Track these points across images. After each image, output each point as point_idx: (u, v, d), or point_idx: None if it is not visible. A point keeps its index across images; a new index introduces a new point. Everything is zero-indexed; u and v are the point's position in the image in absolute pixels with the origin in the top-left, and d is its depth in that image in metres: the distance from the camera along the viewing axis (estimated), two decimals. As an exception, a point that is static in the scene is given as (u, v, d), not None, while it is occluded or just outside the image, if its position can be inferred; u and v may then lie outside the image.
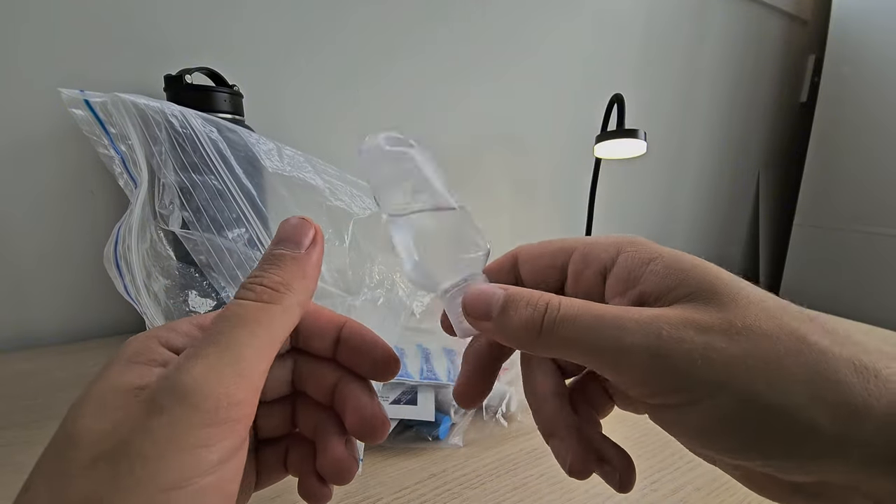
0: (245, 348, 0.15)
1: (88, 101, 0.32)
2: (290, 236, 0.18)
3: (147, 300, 0.32)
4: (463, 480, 0.35)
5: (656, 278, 0.17)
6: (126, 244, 0.32)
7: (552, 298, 0.17)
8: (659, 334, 0.15)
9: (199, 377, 0.14)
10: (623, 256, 0.18)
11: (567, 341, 0.16)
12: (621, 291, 0.18)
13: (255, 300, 0.16)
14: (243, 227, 0.34)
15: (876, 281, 1.27)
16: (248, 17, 0.64)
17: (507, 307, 0.17)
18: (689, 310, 0.15)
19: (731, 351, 0.14)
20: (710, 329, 0.15)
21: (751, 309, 0.15)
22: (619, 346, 0.15)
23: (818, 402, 0.13)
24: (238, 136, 0.36)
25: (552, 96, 0.97)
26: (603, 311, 0.16)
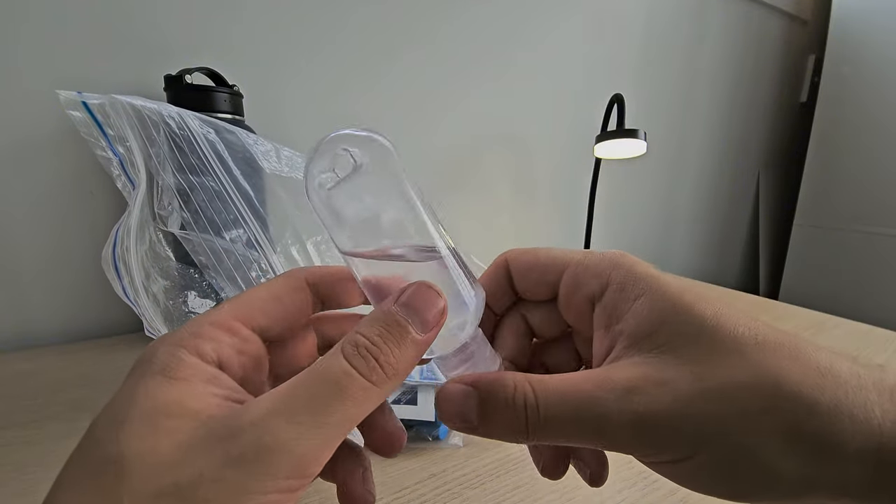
0: (339, 426, 0.14)
1: (86, 102, 0.32)
2: (421, 309, 0.16)
3: (146, 301, 0.32)
4: (463, 480, 0.35)
5: (638, 320, 0.17)
6: (124, 246, 0.32)
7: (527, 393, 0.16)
8: (636, 411, 0.15)
9: (286, 443, 0.13)
10: (611, 289, 0.18)
11: (554, 436, 0.16)
12: (606, 325, 0.18)
13: (365, 377, 0.14)
14: (241, 228, 0.34)
15: (876, 281, 1.27)
16: (248, 17, 0.64)
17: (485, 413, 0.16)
18: (661, 366, 0.15)
19: (707, 411, 0.15)
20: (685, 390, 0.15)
21: (727, 357, 0.15)
22: (603, 430, 0.15)
23: (788, 453, 0.14)
24: (236, 137, 0.36)
25: (552, 96, 0.97)
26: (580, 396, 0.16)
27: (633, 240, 1.23)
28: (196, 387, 0.14)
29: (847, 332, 0.66)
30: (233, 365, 0.17)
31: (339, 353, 0.15)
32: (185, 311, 0.39)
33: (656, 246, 1.30)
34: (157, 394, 0.14)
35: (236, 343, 0.17)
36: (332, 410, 0.14)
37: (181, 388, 0.14)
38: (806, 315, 0.73)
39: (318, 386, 0.14)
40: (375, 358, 0.15)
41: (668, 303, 0.16)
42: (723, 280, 1.50)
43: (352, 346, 0.15)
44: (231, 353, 0.17)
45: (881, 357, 0.58)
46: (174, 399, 0.14)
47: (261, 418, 0.13)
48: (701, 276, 1.42)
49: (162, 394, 0.14)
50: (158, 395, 0.14)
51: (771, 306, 0.78)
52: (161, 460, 0.13)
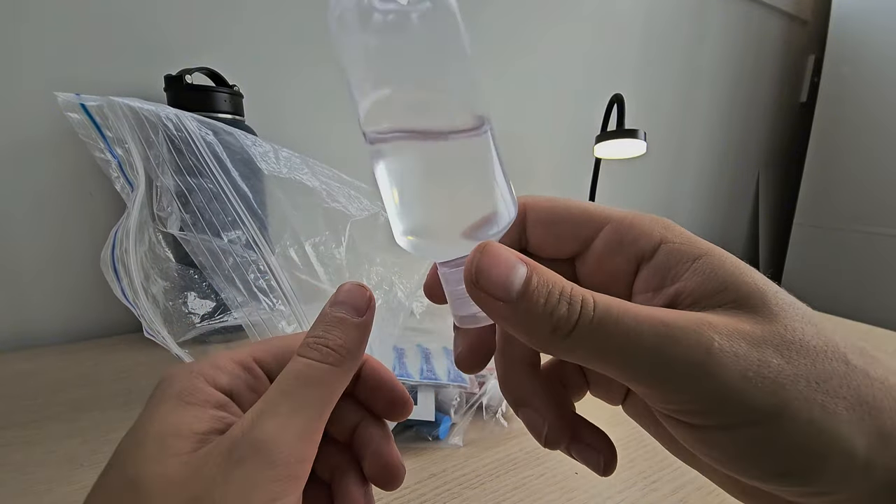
0: (312, 409, 0.16)
1: (84, 105, 0.32)
2: (349, 301, 0.18)
3: (145, 303, 0.32)
4: (463, 480, 0.35)
5: (699, 278, 0.15)
6: (123, 247, 0.32)
7: (585, 293, 0.14)
8: (710, 347, 0.13)
9: (274, 435, 0.15)
10: (666, 247, 0.16)
11: (600, 350, 0.14)
12: (655, 287, 0.16)
13: (321, 361, 0.17)
14: (239, 229, 0.34)
15: (876, 281, 1.27)
16: (248, 17, 0.64)
17: (530, 291, 0.14)
18: (737, 318, 0.14)
19: (786, 370, 0.13)
20: (763, 342, 0.13)
21: (799, 322, 0.14)
22: (667, 356, 0.13)
23: (860, 428, 0.13)
24: (234, 139, 0.36)
25: (552, 96, 0.97)
26: (647, 314, 0.14)
27: (633, 240, 1.23)
28: (205, 411, 0.16)
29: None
30: (242, 400, 0.18)
31: (297, 355, 0.17)
32: (186, 312, 0.39)
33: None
34: (171, 417, 0.15)
35: (249, 380, 0.18)
36: (302, 397, 0.16)
37: (192, 411, 0.16)
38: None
39: (286, 382, 0.16)
40: (324, 345, 0.17)
41: (733, 265, 0.15)
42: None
43: (304, 346, 0.17)
44: (243, 387, 0.18)
45: (881, 357, 0.58)
46: (184, 421, 0.15)
47: (249, 423, 0.15)
48: (701, 276, 1.42)
49: (175, 417, 0.15)
50: (171, 418, 0.15)
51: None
52: (172, 480, 0.14)
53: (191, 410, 0.16)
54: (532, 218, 0.19)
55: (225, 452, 0.14)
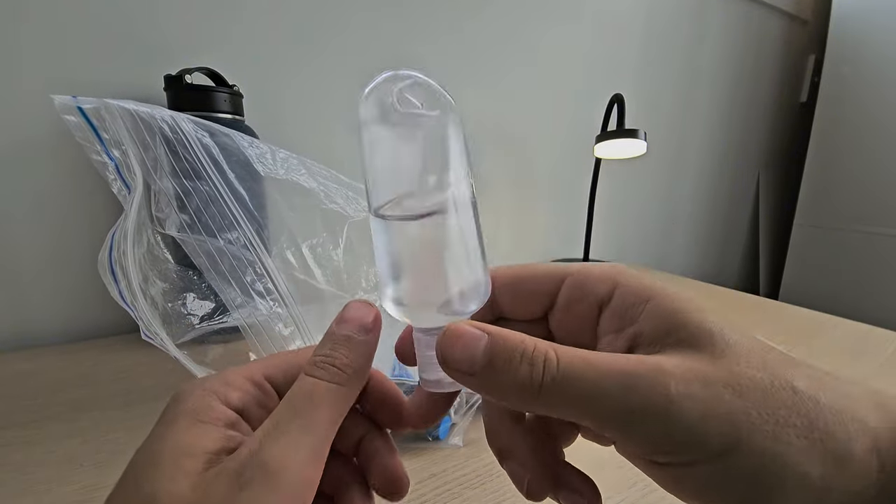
0: (320, 429, 0.16)
1: (81, 107, 0.32)
2: (355, 319, 0.18)
3: (143, 304, 0.32)
4: (463, 480, 0.35)
5: (654, 320, 0.16)
6: (121, 249, 0.32)
7: (548, 349, 0.15)
8: (668, 393, 0.14)
9: (281, 457, 0.15)
10: (620, 291, 0.18)
11: (566, 403, 0.15)
12: (617, 328, 0.17)
13: (328, 380, 0.17)
14: (236, 231, 0.34)
15: (876, 281, 1.27)
16: (248, 17, 0.64)
17: (493, 362, 0.15)
18: (690, 359, 0.15)
19: (737, 406, 0.14)
20: (715, 381, 0.14)
21: (745, 357, 0.15)
22: (627, 407, 0.14)
23: (813, 454, 0.14)
24: (231, 140, 0.36)
25: (552, 96, 0.97)
26: (607, 366, 0.15)
27: (633, 240, 1.23)
28: (216, 430, 0.16)
29: (847, 332, 0.66)
30: (252, 416, 0.18)
31: (303, 374, 0.17)
32: (185, 314, 0.39)
33: (656, 246, 1.30)
34: (184, 435, 0.15)
35: (259, 397, 0.18)
36: (310, 417, 0.16)
37: (203, 429, 0.16)
38: (806, 315, 0.73)
39: (294, 401, 0.16)
40: (331, 364, 0.17)
41: (681, 305, 0.16)
42: (723, 280, 1.50)
43: (310, 365, 0.17)
44: (253, 404, 0.18)
45: (881, 357, 0.58)
46: (197, 440, 0.15)
47: (258, 444, 0.15)
48: (701, 276, 1.42)
49: (188, 435, 0.15)
50: (185, 436, 0.15)
51: (771, 306, 0.78)
52: (183, 499, 0.14)
53: (203, 429, 0.16)
54: (499, 287, 0.20)
55: (233, 474, 0.14)
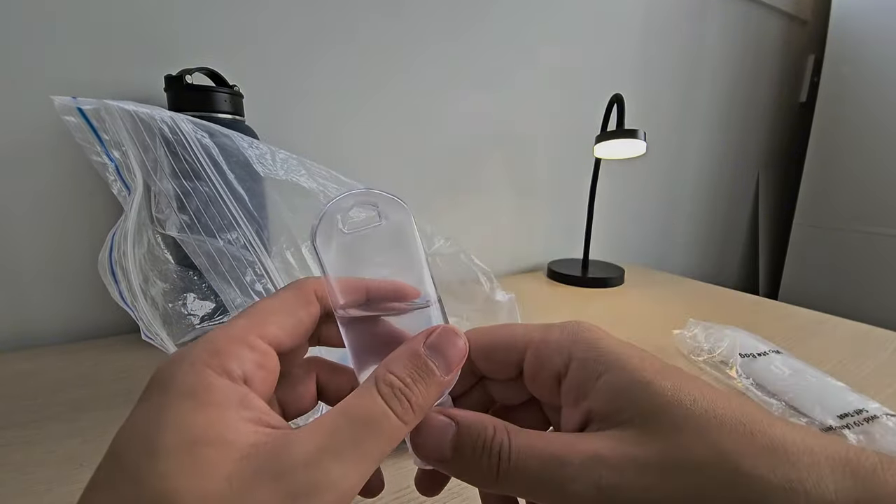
0: (374, 462, 0.15)
1: (81, 109, 0.32)
2: (446, 353, 0.18)
3: (144, 305, 0.32)
4: (463, 480, 0.35)
5: (603, 398, 0.17)
6: (121, 250, 0.32)
7: (503, 441, 0.17)
8: (598, 482, 0.15)
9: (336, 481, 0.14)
10: (574, 365, 0.18)
11: (519, 489, 0.17)
12: (574, 400, 0.18)
13: (399, 417, 0.16)
14: (235, 232, 0.34)
15: (876, 281, 1.27)
16: (249, 18, 0.64)
17: (459, 451, 0.17)
18: (628, 441, 0.16)
19: (666, 491, 0.15)
20: (648, 467, 0.15)
21: (689, 436, 0.15)
22: (566, 491, 0.16)
23: None
24: (231, 141, 0.35)
25: (552, 96, 0.97)
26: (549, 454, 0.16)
27: (633, 240, 1.23)
28: (229, 412, 0.15)
29: (847, 332, 0.66)
30: (256, 381, 0.17)
31: (376, 392, 0.16)
32: (185, 314, 0.39)
33: (656, 246, 1.30)
34: (191, 421, 0.14)
35: (257, 358, 0.17)
36: (371, 448, 0.15)
37: (214, 413, 0.14)
38: (806, 315, 0.73)
39: (360, 426, 0.15)
40: (408, 399, 0.16)
41: (629, 380, 0.17)
42: (722, 280, 1.50)
43: (387, 385, 0.16)
44: (253, 369, 0.17)
45: (881, 357, 0.58)
46: (210, 427, 0.14)
47: (313, 457, 0.14)
48: (701, 276, 1.42)
49: (196, 421, 0.14)
50: (193, 422, 0.14)
51: (771, 306, 0.78)
52: (214, 495, 0.13)
53: (212, 413, 0.14)
54: (474, 351, 0.21)
55: (280, 482, 0.13)
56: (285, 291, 0.20)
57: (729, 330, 0.57)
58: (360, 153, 0.76)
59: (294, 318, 0.19)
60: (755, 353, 0.52)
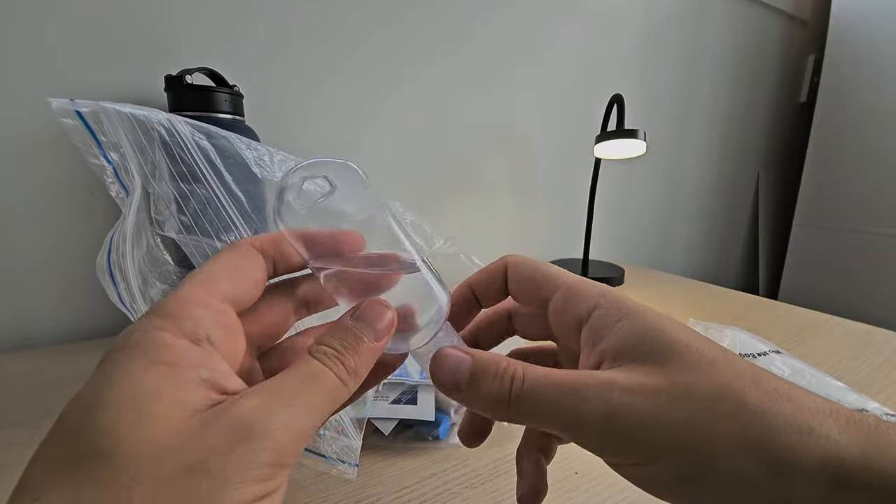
0: (318, 415, 0.16)
1: (79, 111, 0.32)
2: (372, 321, 0.19)
3: (142, 307, 0.32)
4: (463, 480, 0.35)
5: (617, 339, 0.18)
6: (120, 252, 0.32)
7: (517, 369, 0.18)
8: (610, 401, 0.16)
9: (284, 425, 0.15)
10: (597, 312, 0.19)
11: (533, 413, 0.17)
12: (591, 344, 0.19)
13: (336, 374, 0.17)
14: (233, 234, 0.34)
15: (876, 281, 1.27)
16: (249, 17, 0.64)
17: (474, 378, 0.18)
18: (640, 373, 0.17)
19: (675, 415, 0.16)
20: (658, 393, 0.16)
21: (696, 370, 0.16)
22: (578, 413, 0.17)
23: (749, 461, 0.15)
24: (228, 143, 0.35)
25: (552, 96, 0.97)
26: (563, 380, 0.17)
27: (633, 240, 1.23)
28: (184, 371, 0.15)
29: (847, 332, 0.66)
30: (214, 339, 0.17)
31: (313, 358, 0.17)
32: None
33: (656, 246, 1.30)
34: (143, 380, 0.14)
35: (212, 316, 0.17)
36: (315, 399, 0.16)
37: (168, 373, 0.14)
38: (806, 315, 0.73)
39: (304, 380, 0.16)
40: (342, 362, 0.17)
41: (646, 324, 0.18)
42: (723, 280, 1.50)
43: (321, 353, 0.17)
44: (210, 325, 0.17)
45: (881, 357, 0.58)
46: (162, 385, 0.14)
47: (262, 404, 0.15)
48: (701, 276, 1.42)
49: (148, 380, 0.14)
50: (144, 381, 0.14)
51: (771, 306, 0.78)
52: (161, 446, 0.13)
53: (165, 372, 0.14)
54: (510, 275, 0.23)
55: (231, 427, 0.14)
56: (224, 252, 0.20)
57: (729, 330, 0.57)
58: (360, 153, 0.76)
59: (239, 273, 0.19)
60: (755, 353, 0.52)
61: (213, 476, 0.13)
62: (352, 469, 0.33)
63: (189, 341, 0.15)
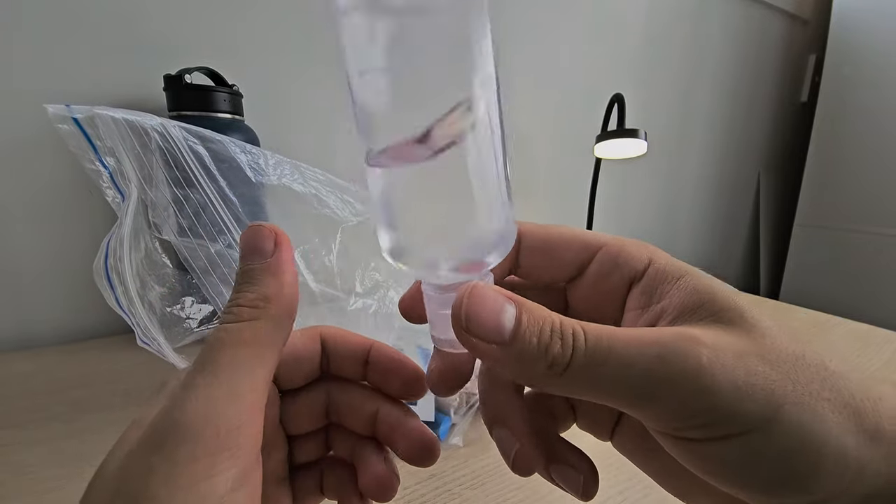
0: (234, 370, 0.14)
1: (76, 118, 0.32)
2: (252, 247, 0.16)
3: (140, 310, 0.32)
4: (463, 480, 0.35)
5: (682, 295, 0.16)
6: (117, 256, 0.32)
7: (575, 326, 0.14)
8: (699, 361, 0.13)
9: (192, 408, 0.13)
10: (653, 268, 0.17)
11: (596, 382, 0.14)
12: (644, 304, 0.17)
13: (236, 321, 0.15)
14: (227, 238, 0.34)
15: (876, 281, 1.27)
16: (249, 17, 0.64)
17: (521, 332, 0.14)
18: (719, 332, 0.14)
19: (772, 377, 0.13)
20: (746, 353, 0.14)
21: (776, 331, 0.14)
22: (659, 378, 0.13)
23: (847, 429, 0.13)
24: (222, 147, 0.35)
25: (552, 96, 0.97)
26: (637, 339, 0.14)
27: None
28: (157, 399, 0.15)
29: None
30: None
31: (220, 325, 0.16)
32: (183, 318, 0.39)
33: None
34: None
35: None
36: (223, 361, 0.14)
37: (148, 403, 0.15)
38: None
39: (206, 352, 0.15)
40: (237, 305, 0.15)
41: (710, 283, 0.16)
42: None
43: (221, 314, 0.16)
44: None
45: (881, 357, 0.58)
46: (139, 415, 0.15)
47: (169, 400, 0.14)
48: (701, 276, 1.41)
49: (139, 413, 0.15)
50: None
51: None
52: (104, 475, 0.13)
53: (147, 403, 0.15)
54: (527, 245, 0.19)
55: (146, 440, 0.13)
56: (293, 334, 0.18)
57: (729, 330, 0.56)
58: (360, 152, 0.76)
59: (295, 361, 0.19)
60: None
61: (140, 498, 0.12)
62: None
63: None
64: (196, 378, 0.14)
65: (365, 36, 0.14)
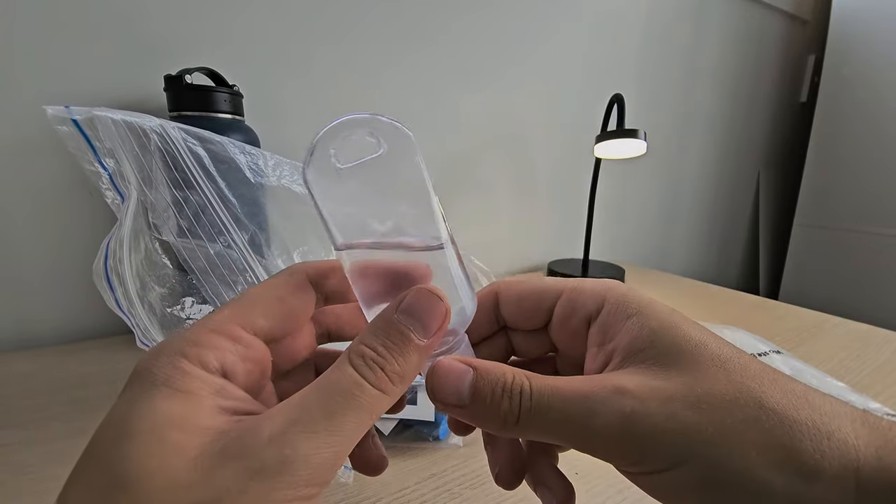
0: (351, 435, 0.14)
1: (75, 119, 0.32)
2: (421, 316, 0.16)
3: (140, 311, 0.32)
4: (463, 480, 0.35)
5: (628, 337, 0.17)
6: (117, 257, 0.32)
7: (523, 381, 0.16)
8: (623, 411, 0.15)
9: (307, 455, 0.13)
10: (606, 308, 0.19)
11: (541, 429, 0.16)
12: (600, 342, 0.19)
13: (374, 385, 0.15)
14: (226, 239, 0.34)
15: (876, 281, 1.27)
16: (249, 17, 0.64)
17: (478, 395, 0.16)
18: (652, 375, 0.16)
19: (691, 421, 0.15)
20: (673, 398, 0.15)
21: (711, 373, 0.16)
22: (589, 427, 0.15)
23: (772, 468, 0.14)
24: (221, 148, 0.35)
25: (552, 96, 0.97)
26: (572, 391, 0.16)
27: (633, 240, 1.23)
28: (203, 400, 0.14)
29: (847, 332, 0.66)
30: (237, 373, 0.16)
31: (348, 364, 0.15)
32: (183, 318, 0.39)
33: (656, 246, 1.30)
34: (163, 407, 0.14)
35: (240, 350, 0.16)
36: (345, 420, 0.14)
37: (188, 400, 0.14)
38: (806, 315, 0.73)
39: (332, 397, 0.14)
40: (382, 368, 0.15)
41: (658, 321, 0.17)
42: (723, 280, 1.50)
43: (359, 357, 0.15)
44: (235, 360, 0.16)
45: (881, 357, 0.58)
46: (181, 413, 0.14)
47: (279, 433, 0.13)
48: (701, 276, 1.41)
49: (168, 407, 0.14)
50: (164, 408, 0.14)
51: (771, 306, 0.78)
52: (176, 478, 0.13)
53: (184, 399, 0.14)
54: (503, 300, 0.22)
55: (243, 461, 0.13)
56: (275, 278, 0.19)
57: (729, 330, 0.57)
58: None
59: (284, 305, 0.18)
60: (755, 353, 0.52)
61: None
62: (348, 472, 0.33)
63: (207, 372, 0.15)
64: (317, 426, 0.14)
65: None
